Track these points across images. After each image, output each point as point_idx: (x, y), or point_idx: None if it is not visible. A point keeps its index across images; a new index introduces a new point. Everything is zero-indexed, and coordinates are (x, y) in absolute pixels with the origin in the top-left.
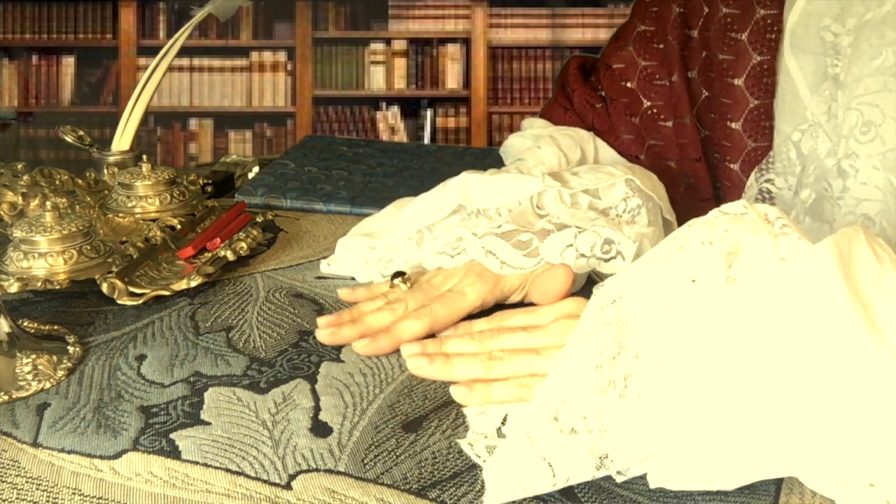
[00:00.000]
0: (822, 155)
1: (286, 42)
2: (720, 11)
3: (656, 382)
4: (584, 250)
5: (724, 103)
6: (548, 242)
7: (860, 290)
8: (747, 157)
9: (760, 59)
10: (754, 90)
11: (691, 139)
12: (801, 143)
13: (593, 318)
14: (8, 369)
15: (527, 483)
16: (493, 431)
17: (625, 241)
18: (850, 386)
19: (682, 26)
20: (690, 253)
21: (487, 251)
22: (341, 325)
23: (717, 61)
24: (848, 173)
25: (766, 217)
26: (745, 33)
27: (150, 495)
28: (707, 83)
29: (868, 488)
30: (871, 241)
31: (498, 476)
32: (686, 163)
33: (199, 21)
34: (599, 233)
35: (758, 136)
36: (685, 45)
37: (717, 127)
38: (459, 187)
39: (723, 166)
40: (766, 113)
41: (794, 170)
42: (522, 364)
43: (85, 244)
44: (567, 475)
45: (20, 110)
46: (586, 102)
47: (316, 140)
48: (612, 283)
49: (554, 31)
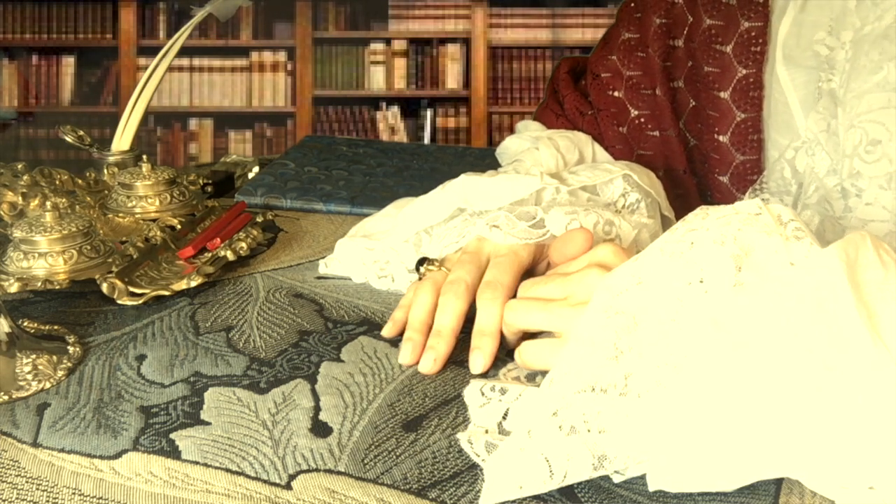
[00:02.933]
0: (822, 174)
1: (286, 42)
2: (704, 22)
3: (657, 383)
4: (587, 226)
5: (711, 115)
6: (552, 214)
7: (864, 295)
8: (736, 170)
9: (746, 72)
10: (741, 103)
11: (676, 152)
12: (795, 160)
13: (599, 313)
14: (8, 369)
15: (524, 481)
16: (493, 426)
17: (624, 225)
18: (852, 389)
19: (664, 37)
20: (701, 252)
21: (492, 225)
22: (419, 347)
23: (702, 73)
24: (850, 193)
25: (779, 218)
26: (729, 46)
27: (150, 495)
28: (694, 93)
29: (868, 491)
30: (877, 246)
31: (496, 474)
32: (674, 173)
33: (199, 21)
34: (601, 214)
35: (746, 149)
36: (669, 55)
37: (705, 139)
38: (459, 189)
39: (712, 177)
40: (755, 126)
41: (790, 188)
42: (548, 313)
43: (85, 244)
44: (564, 474)
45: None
46: (576, 110)
47: (316, 140)
48: (620, 275)
49: (554, 31)
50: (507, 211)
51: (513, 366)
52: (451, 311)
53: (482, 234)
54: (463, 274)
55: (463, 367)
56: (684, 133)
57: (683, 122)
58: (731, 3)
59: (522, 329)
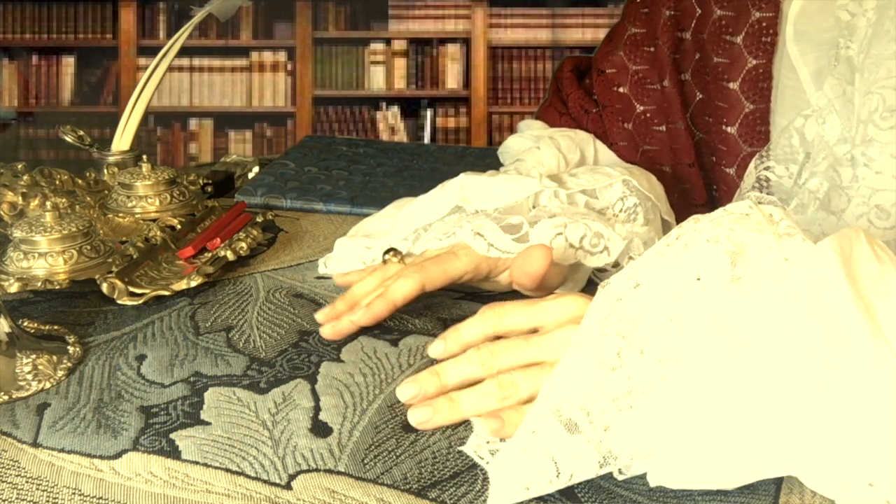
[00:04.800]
0: (832, 142)
1: (286, 42)
2: (714, 13)
3: (660, 379)
4: (573, 240)
5: (719, 107)
6: (538, 228)
7: (861, 289)
8: (742, 162)
9: (756, 62)
10: (750, 94)
11: (684, 145)
12: (804, 128)
13: (599, 317)
14: (8, 369)
15: (530, 482)
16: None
17: (614, 237)
18: (851, 386)
19: (673, 29)
20: (696, 251)
21: (476, 233)
22: (339, 316)
23: (711, 64)
24: (859, 161)
25: (770, 217)
26: (739, 36)
27: (150, 495)
28: (702, 85)
29: (867, 488)
30: (871, 241)
31: (502, 476)
32: (680, 168)
33: (199, 21)
34: (590, 226)
35: (753, 140)
36: (677, 47)
37: (713, 130)
38: (457, 188)
39: (718, 170)
40: (763, 118)
41: (797, 157)
42: (537, 383)
43: (85, 244)
44: (571, 473)
45: (20, 110)
46: (581, 108)
47: (316, 140)
48: (618, 281)
49: (554, 31)
50: (498, 217)
51: None
52: (367, 287)
53: (465, 240)
54: (413, 270)
55: None
56: (691, 126)
57: (690, 115)
58: None
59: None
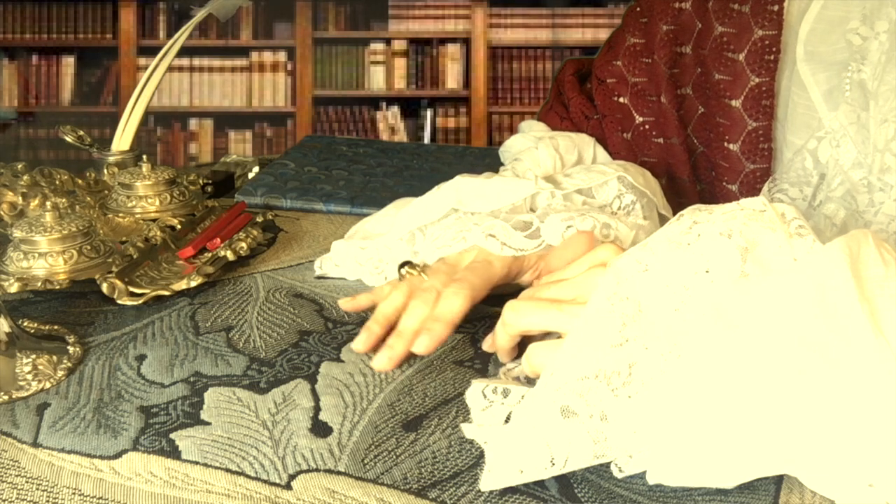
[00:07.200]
0: (847, 166)
1: (286, 42)
2: (715, 29)
3: (661, 372)
4: (584, 231)
5: (721, 123)
6: (549, 222)
7: (866, 291)
8: (745, 179)
9: (759, 80)
10: (752, 112)
11: (680, 160)
12: (818, 150)
13: (604, 299)
14: (8, 369)
15: (524, 465)
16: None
17: (622, 227)
18: (852, 386)
19: (670, 44)
20: (708, 243)
21: (488, 234)
22: (377, 340)
23: (713, 81)
24: (876, 187)
25: (783, 216)
26: (742, 54)
27: (150, 495)
28: (703, 100)
29: (867, 488)
30: (878, 243)
31: (498, 459)
32: (677, 181)
33: (199, 21)
34: (597, 218)
35: (756, 157)
36: (675, 62)
37: (714, 146)
38: (452, 191)
39: (719, 185)
40: (766, 135)
41: (810, 179)
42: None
43: (85, 244)
44: (565, 459)
45: (20, 110)
46: (581, 113)
47: (316, 140)
48: (626, 262)
49: (554, 31)
50: (504, 219)
51: (512, 365)
52: (417, 315)
53: (478, 242)
54: (436, 282)
55: (463, 366)
56: (692, 139)
57: (691, 129)
58: (745, 11)
59: (525, 331)
